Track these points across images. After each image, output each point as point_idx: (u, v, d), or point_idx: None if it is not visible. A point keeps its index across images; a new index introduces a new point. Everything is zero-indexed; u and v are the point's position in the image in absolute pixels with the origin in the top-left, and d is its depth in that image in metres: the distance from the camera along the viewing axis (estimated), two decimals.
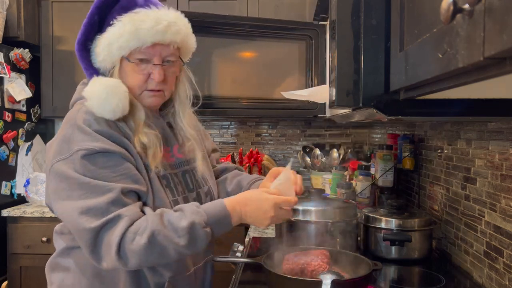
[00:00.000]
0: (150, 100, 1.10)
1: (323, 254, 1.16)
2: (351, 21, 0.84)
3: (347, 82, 0.85)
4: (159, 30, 1.02)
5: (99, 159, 0.97)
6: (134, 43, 1.02)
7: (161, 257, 0.97)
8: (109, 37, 1.02)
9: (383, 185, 1.97)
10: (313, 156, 2.66)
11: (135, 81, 1.07)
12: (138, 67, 1.06)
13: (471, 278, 1.36)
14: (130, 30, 1.00)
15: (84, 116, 1.01)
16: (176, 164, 1.16)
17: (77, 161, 0.96)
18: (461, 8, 0.42)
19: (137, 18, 1.01)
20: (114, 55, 1.03)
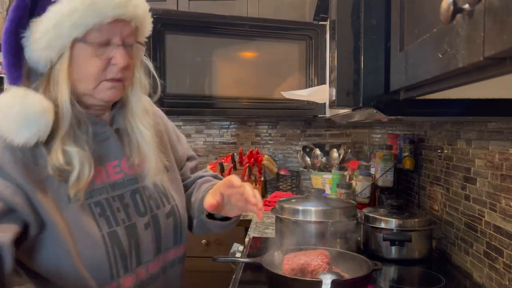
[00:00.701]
0: (108, 94, 0.88)
1: (323, 254, 1.16)
2: (351, 21, 0.84)
3: (347, 82, 0.85)
4: (120, 2, 0.82)
5: None
6: (92, 19, 0.81)
7: None
8: (55, 16, 0.80)
9: (383, 185, 1.97)
10: (313, 156, 2.67)
11: (92, 69, 0.85)
12: (96, 50, 0.84)
13: (471, 278, 1.36)
14: (84, 3, 0.80)
15: None
16: (124, 182, 0.94)
17: None
18: (461, 8, 0.42)
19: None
20: (65, 37, 0.81)
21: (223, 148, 2.93)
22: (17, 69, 0.83)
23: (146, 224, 0.95)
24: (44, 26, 0.81)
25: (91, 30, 0.82)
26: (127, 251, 0.90)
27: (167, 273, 1.00)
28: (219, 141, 2.94)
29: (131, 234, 0.91)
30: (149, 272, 0.95)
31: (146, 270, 0.94)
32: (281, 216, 1.50)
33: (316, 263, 1.12)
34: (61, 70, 0.84)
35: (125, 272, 0.89)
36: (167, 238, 1.00)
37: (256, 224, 2.07)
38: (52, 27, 0.80)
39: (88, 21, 0.81)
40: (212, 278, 1.29)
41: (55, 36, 0.81)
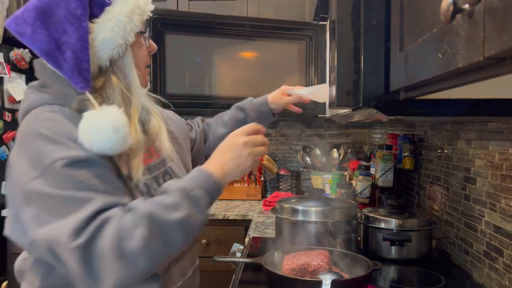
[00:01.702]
0: (147, 78, 1.04)
1: (323, 254, 1.16)
2: (351, 21, 0.84)
3: (347, 82, 0.85)
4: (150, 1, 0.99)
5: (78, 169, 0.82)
6: (143, 16, 0.96)
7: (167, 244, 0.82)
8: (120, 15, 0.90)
9: (383, 185, 1.97)
10: (313, 156, 2.67)
11: (144, 56, 1.01)
12: (144, 40, 1.00)
13: (471, 278, 1.36)
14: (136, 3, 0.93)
15: (45, 123, 0.85)
16: (156, 165, 1.02)
17: (53, 174, 0.81)
18: (461, 8, 0.42)
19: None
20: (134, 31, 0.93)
21: None
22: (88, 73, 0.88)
23: None
24: (112, 24, 0.90)
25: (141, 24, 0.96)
26: None
27: (192, 249, 1.10)
28: None
29: None
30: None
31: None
32: (281, 216, 1.50)
33: (316, 263, 1.12)
34: (128, 61, 0.95)
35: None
36: None
37: (256, 224, 2.07)
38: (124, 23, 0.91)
39: (141, 18, 0.95)
40: (212, 278, 1.30)
41: (128, 31, 0.92)
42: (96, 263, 0.77)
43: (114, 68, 0.93)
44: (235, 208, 2.44)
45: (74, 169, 0.82)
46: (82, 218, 0.78)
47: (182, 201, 0.84)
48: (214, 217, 2.29)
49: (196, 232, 0.88)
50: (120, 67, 0.94)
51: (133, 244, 0.78)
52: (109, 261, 0.77)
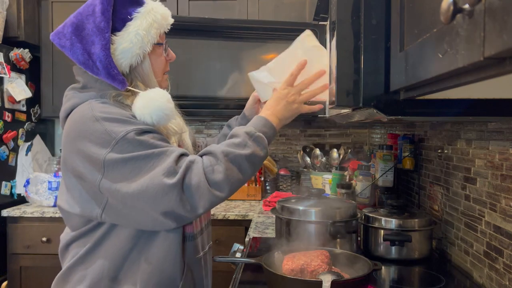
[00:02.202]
0: (166, 83, 1.20)
1: (323, 254, 1.16)
2: (351, 21, 0.84)
3: (347, 82, 0.85)
4: (167, 15, 1.14)
5: (148, 135, 1.00)
6: (163, 28, 1.13)
7: (241, 174, 1.04)
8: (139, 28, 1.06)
9: (383, 185, 1.97)
10: (313, 156, 2.67)
11: (162, 64, 1.17)
12: (162, 50, 1.15)
13: (471, 278, 1.36)
14: (157, 17, 1.09)
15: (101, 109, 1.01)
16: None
17: (127, 143, 0.97)
18: (461, 8, 0.42)
19: (152, 7, 1.10)
20: (151, 43, 1.09)
21: None
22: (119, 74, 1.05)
23: None
24: (131, 37, 1.05)
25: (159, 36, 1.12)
26: None
27: (207, 230, 1.26)
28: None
29: None
30: (201, 223, 1.20)
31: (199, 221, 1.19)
32: (281, 216, 1.50)
33: (316, 264, 1.12)
34: (148, 68, 1.12)
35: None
36: None
37: (256, 224, 2.07)
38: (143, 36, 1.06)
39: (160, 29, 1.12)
40: (212, 278, 1.30)
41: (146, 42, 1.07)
42: (192, 194, 0.98)
43: (134, 74, 1.10)
44: (235, 208, 2.44)
45: (143, 136, 0.99)
46: (169, 163, 0.97)
47: (248, 141, 1.06)
48: (214, 217, 2.29)
49: (260, 164, 1.10)
50: (140, 73, 1.11)
51: (217, 176, 1.00)
52: (202, 191, 0.98)
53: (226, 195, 1.03)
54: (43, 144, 2.85)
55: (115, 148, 0.97)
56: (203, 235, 1.22)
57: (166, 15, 1.13)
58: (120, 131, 0.97)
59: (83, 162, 1.00)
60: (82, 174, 1.01)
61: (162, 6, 1.14)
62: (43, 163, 2.82)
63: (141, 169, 0.97)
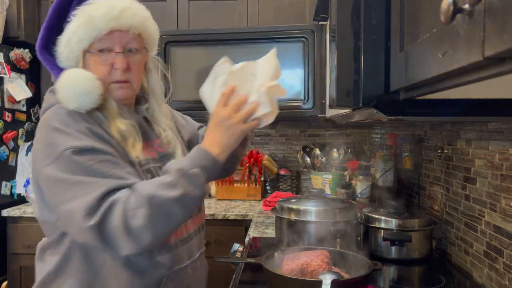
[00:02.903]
0: (118, 93, 1.06)
1: (323, 254, 1.16)
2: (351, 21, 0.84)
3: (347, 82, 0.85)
4: (114, 15, 1.00)
5: (85, 156, 0.94)
6: (92, 33, 1.00)
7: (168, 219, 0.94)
8: (67, 33, 1.02)
9: (383, 185, 1.97)
10: (313, 156, 2.67)
11: (100, 73, 1.03)
12: (100, 58, 1.03)
13: (471, 278, 1.36)
14: (85, 20, 0.99)
15: (58, 118, 0.99)
16: (159, 158, 1.13)
17: (64, 161, 0.94)
18: (461, 8, 0.42)
19: (90, 8, 1.00)
20: (75, 50, 1.03)
21: None
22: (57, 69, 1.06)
23: None
24: (62, 42, 1.03)
25: (94, 42, 1.02)
26: None
27: (198, 235, 1.20)
28: None
29: None
30: (188, 230, 1.14)
31: (186, 228, 1.13)
32: (281, 216, 1.50)
33: (316, 263, 1.12)
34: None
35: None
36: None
37: (256, 224, 2.07)
38: (66, 42, 1.02)
39: (89, 34, 1.01)
40: (212, 278, 1.30)
41: (69, 49, 1.03)
42: (110, 238, 0.91)
43: None
44: (235, 208, 2.44)
45: (80, 156, 0.94)
46: (92, 199, 0.91)
47: (179, 180, 0.94)
48: (214, 217, 2.29)
49: (195, 206, 1.00)
50: None
51: (138, 222, 0.90)
52: (119, 237, 0.91)
53: (150, 242, 0.93)
54: None
55: (55, 163, 0.95)
56: (191, 242, 1.15)
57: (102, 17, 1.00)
58: (61, 146, 0.94)
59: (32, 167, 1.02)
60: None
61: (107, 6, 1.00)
62: None
63: (66, 196, 0.93)
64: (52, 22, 1.05)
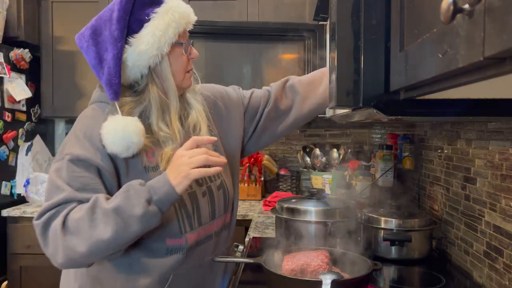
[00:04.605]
0: (189, 82, 1.17)
1: (323, 254, 1.16)
2: (351, 21, 0.84)
3: (347, 82, 0.85)
4: (190, 12, 1.12)
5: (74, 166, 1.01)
6: (182, 27, 1.09)
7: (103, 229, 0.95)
8: (157, 28, 1.05)
9: (383, 185, 1.97)
10: (313, 156, 2.66)
11: (184, 63, 1.13)
12: (183, 49, 1.12)
13: (471, 278, 1.36)
14: (175, 16, 1.06)
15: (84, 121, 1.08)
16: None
17: (61, 165, 1.02)
18: (461, 8, 0.42)
19: (172, 6, 1.08)
20: (169, 43, 1.07)
21: None
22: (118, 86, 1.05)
23: (203, 193, 1.16)
24: (148, 37, 1.04)
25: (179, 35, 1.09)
26: (190, 213, 1.12)
27: (218, 236, 1.22)
28: None
29: (192, 199, 1.13)
30: (206, 232, 1.17)
31: (204, 230, 1.16)
32: (281, 216, 1.50)
33: (316, 263, 1.12)
34: (166, 68, 1.09)
35: (190, 229, 1.12)
36: (220, 206, 1.21)
37: (256, 224, 2.07)
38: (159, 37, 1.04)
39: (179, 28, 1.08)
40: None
41: (163, 43, 1.05)
42: (49, 240, 0.97)
43: (153, 75, 1.09)
44: None
45: (72, 165, 1.01)
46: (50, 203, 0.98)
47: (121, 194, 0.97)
48: None
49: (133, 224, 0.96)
50: (158, 74, 1.09)
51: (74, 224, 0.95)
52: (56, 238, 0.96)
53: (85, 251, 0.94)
54: (43, 144, 2.85)
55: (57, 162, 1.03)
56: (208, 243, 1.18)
57: (186, 14, 1.10)
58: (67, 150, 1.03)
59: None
60: None
61: (183, 4, 1.11)
62: (43, 163, 2.82)
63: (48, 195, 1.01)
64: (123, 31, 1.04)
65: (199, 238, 1.14)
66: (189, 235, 1.11)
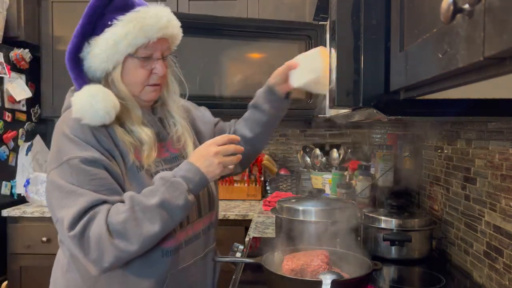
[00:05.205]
0: (150, 95, 1.14)
1: (323, 254, 1.16)
2: (351, 21, 0.84)
3: (347, 82, 0.85)
4: (163, 25, 1.07)
5: (86, 168, 1.00)
6: (142, 40, 1.05)
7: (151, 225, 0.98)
8: (112, 37, 1.04)
9: (383, 185, 1.97)
10: (313, 156, 2.66)
11: (140, 77, 1.10)
12: (142, 63, 1.09)
13: (471, 278, 1.36)
14: (136, 27, 1.04)
15: (70, 124, 1.04)
16: (171, 159, 1.18)
17: (66, 169, 1.00)
18: (461, 8, 0.42)
19: (139, 16, 1.05)
20: (121, 54, 1.06)
21: None
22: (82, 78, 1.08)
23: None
24: (103, 44, 1.04)
25: (140, 47, 1.07)
26: None
27: (206, 234, 1.23)
28: None
29: None
30: (194, 230, 1.18)
31: (192, 229, 1.17)
32: (281, 216, 1.50)
33: (316, 263, 1.12)
34: (117, 78, 1.08)
35: (180, 228, 1.13)
36: (205, 204, 1.23)
37: (256, 224, 2.07)
38: (112, 45, 1.04)
39: (138, 41, 1.05)
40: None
41: (114, 52, 1.05)
42: (93, 247, 0.95)
43: (108, 80, 1.09)
44: (235, 208, 2.44)
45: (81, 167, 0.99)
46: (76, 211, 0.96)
47: (160, 187, 1.00)
48: None
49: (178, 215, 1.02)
50: (110, 80, 1.09)
51: (121, 227, 0.96)
52: (103, 244, 0.95)
53: (137, 249, 0.98)
54: (43, 144, 2.85)
55: (58, 168, 1.01)
56: (197, 242, 1.19)
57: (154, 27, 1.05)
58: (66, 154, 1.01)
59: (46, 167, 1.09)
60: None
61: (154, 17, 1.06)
62: (43, 163, 2.82)
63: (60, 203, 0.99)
64: (86, 28, 1.05)
65: (188, 237, 1.16)
66: (180, 233, 1.13)
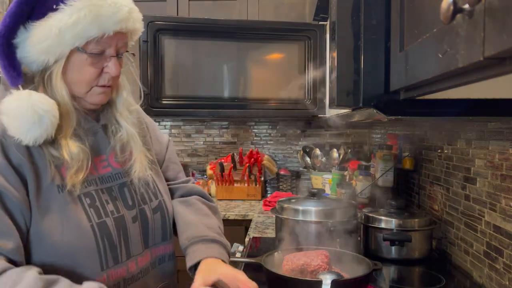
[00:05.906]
0: (98, 98, 0.94)
1: (323, 254, 1.16)
2: (351, 21, 0.84)
3: (347, 82, 0.85)
4: (123, 17, 0.87)
5: None
6: (95, 32, 0.85)
7: None
8: (57, 24, 0.83)
9: (383, 185, 1.97)
10: (313, 156, 2.66)
11: (87, 76, 0.90)
12: (92, 59, 0.89)
13: (471, 278, 1.36)
14: (88, 17, 0.83)
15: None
16: (112, 175, 0.97)
17: None
18: (461, 8, 0.42)
19: (93, 3, 0.84)
20: (66, 46, 0.85)
21: (223, 148, 2.93)
22: (15, 69, 0.85)
23: (134, 218, 0.97)
24: (44, 32, 0.84)
25: (91, 41, 0.87)
26: (116, 242, 0.92)
27: (157, 269, 1.03)
28: (219, 141, 2.94)
29: (119, 225, 0.93)
30: (139, 266, 0.97)
31: (136, 264, 0.96)
32: (281, 216, 1.50)
33: (316, 263, 1.12)
34: (56, 74, 0.88)
35: (114, 264, 0.92)
36: (155, 233, 1.03)
37: (256, 224, 2.07)
38: (55, 34, 0.83)
39: (90, 33, 0.85)
40: None
41: (57, 43, 0.84)
42: None
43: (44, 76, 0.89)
44: (235, 208, 2.44)
45: None
46: None
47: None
48: None
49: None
50: (46, 77, 0.89)
51: None
52: None
53: None
54: None
55: None
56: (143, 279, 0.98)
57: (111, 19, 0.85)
58: None
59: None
60: None
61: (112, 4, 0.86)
62: None
63: None
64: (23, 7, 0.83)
65: (130, 274, 0.95)
66: (113, 271, 0.91)
